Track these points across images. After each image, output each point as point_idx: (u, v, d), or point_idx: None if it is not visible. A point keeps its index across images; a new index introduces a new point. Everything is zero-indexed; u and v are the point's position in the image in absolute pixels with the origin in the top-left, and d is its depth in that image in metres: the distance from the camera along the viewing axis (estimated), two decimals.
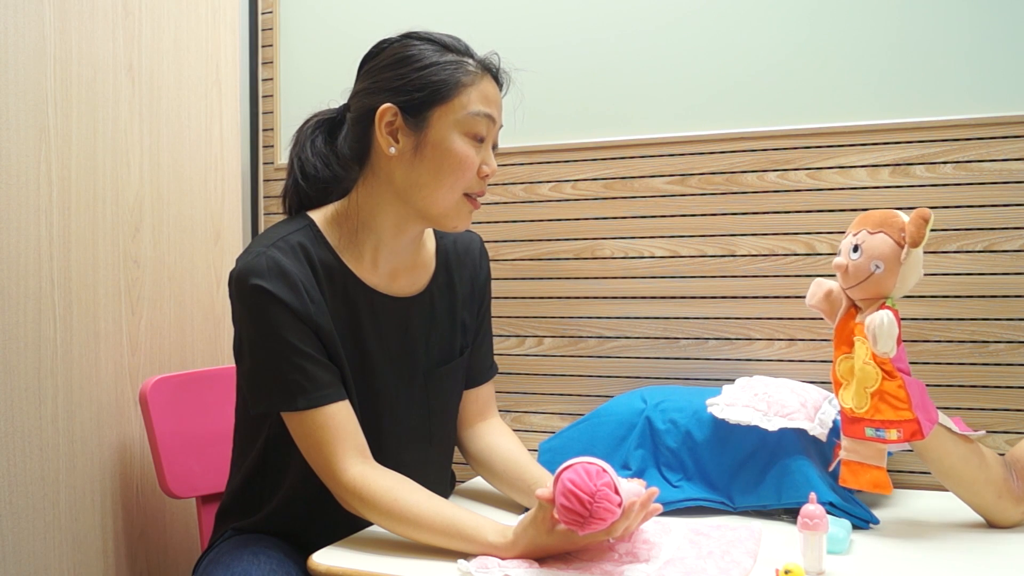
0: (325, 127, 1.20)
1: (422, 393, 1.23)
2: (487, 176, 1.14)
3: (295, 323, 1.09)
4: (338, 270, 1.15)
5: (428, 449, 1.27)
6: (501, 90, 1.17)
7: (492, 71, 1.15)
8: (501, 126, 1.17)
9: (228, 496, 1.27)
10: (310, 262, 1.12)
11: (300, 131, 1.21)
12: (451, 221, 1.15)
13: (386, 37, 1.17)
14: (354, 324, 1.16)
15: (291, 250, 1.11)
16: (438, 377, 1.25)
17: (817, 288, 1.19)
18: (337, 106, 1.21)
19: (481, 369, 1.33)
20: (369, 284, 1.17)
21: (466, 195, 1.14)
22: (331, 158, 1.18)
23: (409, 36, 1.15)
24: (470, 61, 1.13)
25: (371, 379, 1.18)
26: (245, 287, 1.09)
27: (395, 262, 1.19)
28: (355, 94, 1.17)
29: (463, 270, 1.28)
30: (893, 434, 1.08)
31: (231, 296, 1.13)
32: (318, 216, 1.17)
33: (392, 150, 1.11)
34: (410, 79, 1.11)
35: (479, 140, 1.12)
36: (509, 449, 1.27)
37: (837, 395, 1.14)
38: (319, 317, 1.11)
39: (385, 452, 1.14)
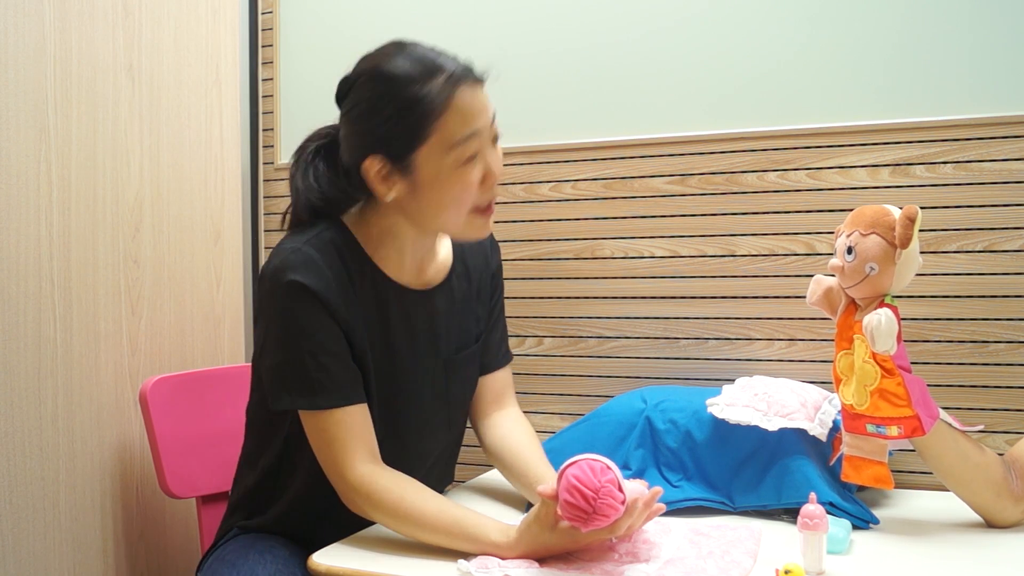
0: (324, 151, 1.17)
1: (443, 380, 1.24)
2: (492, 183, 1.12)
3: (327, 321, 1.09)
4: (368, 267, 1.15)
5: (448, 435, 1.29)
6: (482, 85, 1.11)
7: (465, 78, 1.08)
8: (494, 119, 1.12)
9: (240, 492, 1.27)
10: (342, 258, 1.13)
11: (300, 155, 1.18)
12: (467, 235, 1.16)
13: (353, 70, 1.12)
14: (383, 320, 1.17)
15: (324, 247, 1.11)
16: (457, 364, 1.26)
17: (816, 286, 1.20)
18: (331, 125, 1.18)
19: (496, 355, 1.33)
20: (398, 281, 1.18)
21: (476, 209, 1.12)
22: (334, 179, 1.16)
23: (369, 73, 1.10)
24: (436, 86, 1.06)
25: (396, 372, 1.18)
26: (281, 282, 1.08)
27: (420, 258, 1.20)
28: (342, 138, 1.14)
29: (475, 259, 1.30)
30: (894, 430, 1.08)
31: (262, 292, 1.12)
32: (346, 216, 1.18)
33: (390, 198, 1.11)
34: (384, 129, 1.08)
35: (473, 158, 1.09)
36: (519, 442, 1.26)
37: (838, 390, 1.14)
38: (349, 314, 1.12)
39: (407, 441, 1.15)
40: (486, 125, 1.10)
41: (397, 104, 1.06)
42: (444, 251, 1.26)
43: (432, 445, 1.24)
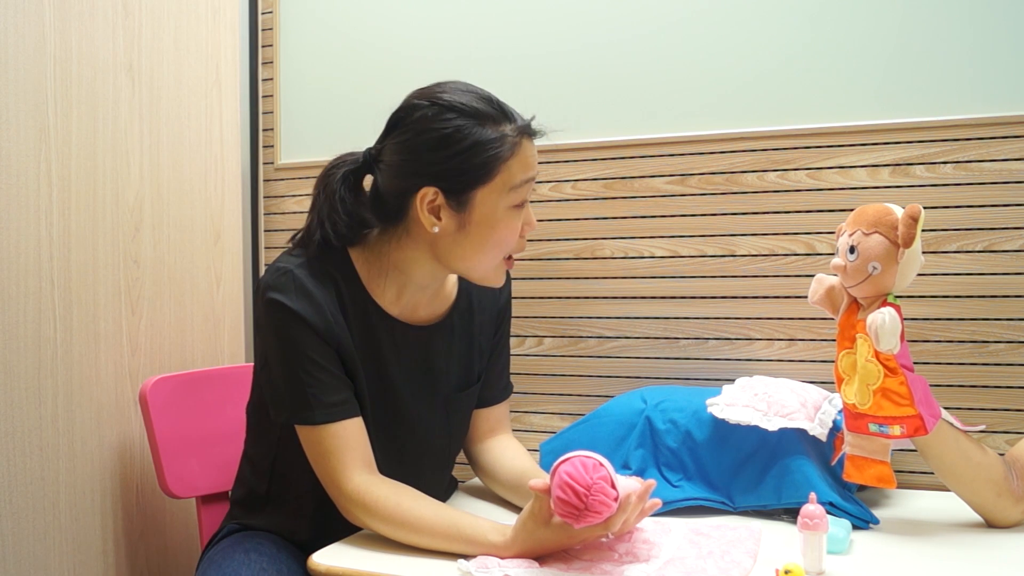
0: (352, 178, 1.16)
1: (443, 418, 1.25)
2: (526, 233, 1.14)
3: (314, 339, 1.10)
4: (360, 298, 1.16)
5: (445, 472, 1.31)
6: (535, 139, 1.14)
7: (530, 132, 1.12)
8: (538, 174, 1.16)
9: (238, 490, 1.29)
10: (335, 286, 1.13)
11: (327, 183, 1.15)
12: (489, 282, 1.16)
13: (416, 100, 1.11)
14: (374, 351, 1.17)
15: (317, 272, 1.12)
16: (457, 403, 1.26)
17: (818, 285, 1.20)
18: (360, 151, 1.17)
19: (494, 390, 1.34)
20: (391, 313, 1.18)
21: (507, 256, 1.14)
22: (357, 208, 1.14)
23: (438, 104, 1.09)
24: (508, 130, 1.09)
25: (392, 405, 1.19)
26: (267, 301, 1.10)
27: (418, 297, 1.20)
28: (388, 164, 1.12)
29: (484, 295, 1.29)
30: (896, 430, 1.08)
31: (256, 306, 1.14)
32: (350, 246, 1.17)
33: (435, 229, 1.10)
34: (451, 164, 1.07)
35: (521, 205, 1.11)
36: (512, 456, 1.28)
37: (840, 390, 1.14)
38: (340, 337, 1.12)
39: (406, 476, 1.15)
40: (536, 177, 1.14)
41: (470, 141, 1.07)
42: (448, 287, 1.25)
43: (429, 480, 1.23)
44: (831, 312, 1.19)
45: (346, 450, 1.09)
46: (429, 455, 1.24)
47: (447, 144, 1.07)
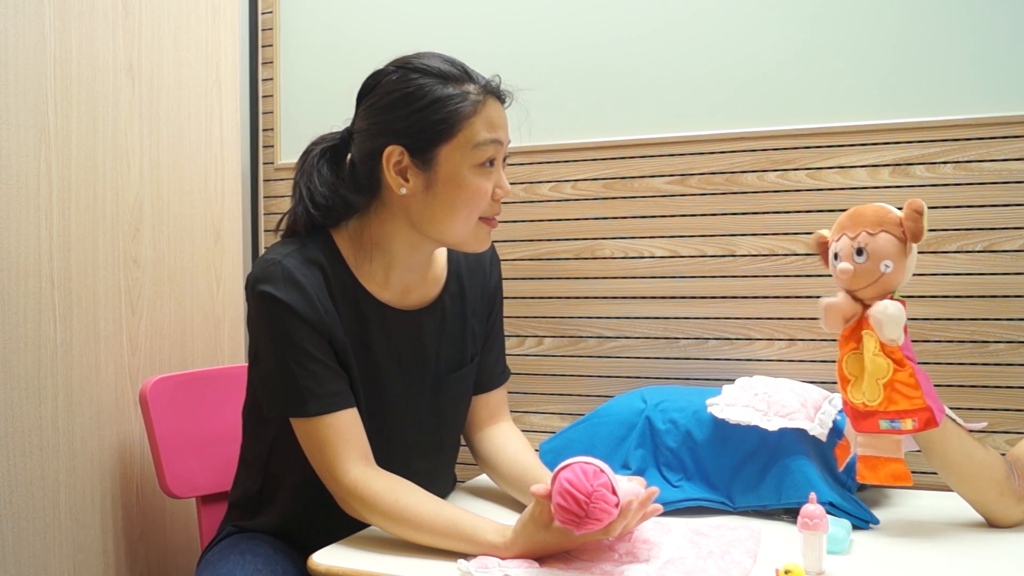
0: (329, 154, 1.18)
1: (433, 401, 1.24)
2: (500, 198, 1.14)
3: (306, 330, 1.10)
4: (350, 285, 1.16)
5: (439, 456, 1.29)
6: (504, 105, 1.16)
7: (494, 92, 1.14)
8: (509, 142, 1.16)
9: (236, 492, 1.28)
10: (324, 274, 1.13)
11: (306, 159, 1.18)
12: (470, 246, 1.16)
13: (379, 69, 1.15)
14: (365, 338, 1.17)
15: (305, 262, 1.12)
16: (449, 384, 1.26)
17: (831, 313, 1.13)
18: (339, 130, 1.19)
19: (491, 375, 1.33)
20: (380, 299, 1.18)
21: (482, 218, 1.14)
22: (337, 185, 1.16)
23: (404, 68, 1.13)
24: (471, 89, 1.11)
25: (382, 390, 1.19)
26: (257, 293, 1.10)
27: (407, 279, 1.20)
28: (358, 131, 1.16)
29: (474, 278, 1.29)
30: (908, 424, 1.07)
31: (247, 300, 1.15)
32: (335, 231, 1.18)
33: (403, 190, 1.11)
34: (413, 120, 1.09)
35: (489, 166, 1.12)
36: (515, 451, 1.27)
37: (844, 392, 1.12)
38: (331, 326, 1.12)
39: (396, 461, 1.15)
40: (505, 141, 1.14)
41: (431, 98, 1.09)
42: (437, 270, 1.25)
43: (421, 465, 1.22)
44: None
45: (342, 442, 1.09)
46: (419, 441, 1.23)
47: (409, 101, 1.10)
